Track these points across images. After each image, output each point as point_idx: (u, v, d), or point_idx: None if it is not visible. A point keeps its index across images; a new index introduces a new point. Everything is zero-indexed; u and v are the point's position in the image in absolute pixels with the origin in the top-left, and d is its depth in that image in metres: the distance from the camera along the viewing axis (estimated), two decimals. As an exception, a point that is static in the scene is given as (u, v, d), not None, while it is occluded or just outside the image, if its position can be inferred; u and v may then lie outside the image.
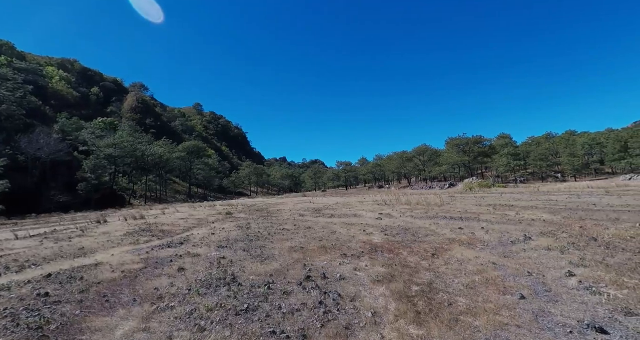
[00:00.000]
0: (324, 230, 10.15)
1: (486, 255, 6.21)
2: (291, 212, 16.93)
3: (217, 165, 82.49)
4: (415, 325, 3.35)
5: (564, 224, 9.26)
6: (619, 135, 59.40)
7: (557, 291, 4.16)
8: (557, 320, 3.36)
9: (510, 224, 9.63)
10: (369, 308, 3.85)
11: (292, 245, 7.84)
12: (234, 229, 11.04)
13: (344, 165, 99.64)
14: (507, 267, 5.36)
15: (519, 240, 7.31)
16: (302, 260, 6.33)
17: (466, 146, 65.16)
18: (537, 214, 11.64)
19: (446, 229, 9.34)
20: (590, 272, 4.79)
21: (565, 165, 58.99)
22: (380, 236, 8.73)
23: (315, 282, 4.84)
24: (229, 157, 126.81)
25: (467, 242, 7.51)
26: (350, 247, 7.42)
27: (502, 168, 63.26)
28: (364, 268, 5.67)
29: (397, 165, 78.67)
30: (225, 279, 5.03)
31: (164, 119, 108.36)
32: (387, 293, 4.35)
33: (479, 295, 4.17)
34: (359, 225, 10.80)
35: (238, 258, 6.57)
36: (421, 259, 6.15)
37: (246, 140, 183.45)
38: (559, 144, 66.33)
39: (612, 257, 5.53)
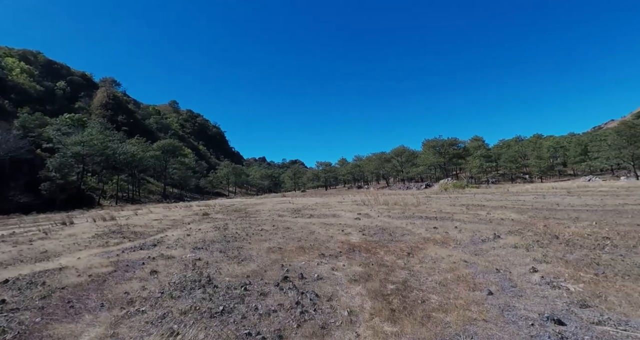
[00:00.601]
0: (303, 230, 10.14)
1: (458, 254, 6.44)
2: (270, 213, 16.80)
3: (193, 165, 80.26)
4: (389, 323, 3.43)
5: (530, 222, 9.78)
6: (580, 139, 63.64)
7: (522, 286, 4.40)
8: (521, 313, 3.55)
9: (482, 223, 10.04)
10: (345, 307, 3.90)
11: (270, 245, 7.78)
12: (211, 229, 10.80)
13: (323, 165, 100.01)
14: (477, 265, 5.59)
15: (489, 239, 7.64)
16: (280, 260, 6.30)
17: (442, 148, 67.35)
18: (506, 213, 12.22)
19: (422, 228, 9.60)
20: (552, 267, 5.10)
21: (532, 166, 62.34)
22: (358, 236, 8.84)
23: (293, 282, 4.84)
24: (206, 157, 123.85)
25: (441, 241, 7.77)
26: (329, 247, 7.47)
27: (475, 169, 65.96)
28: (342, 267, 5.73)
29: (375, 166, 80.00)
30: (200, 281, 4.92)
31: (138, 116, 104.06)
32: (364, 292, 4.42)
33: (450, 292, 4.32)
34: (338, 225, 10.88)
35: (214, 259, 6.44)
36: (397, 258, 6.29)
37: (224, 140, 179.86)
38: (527, 146, 69.98)
39: (571, 253, 5.91)
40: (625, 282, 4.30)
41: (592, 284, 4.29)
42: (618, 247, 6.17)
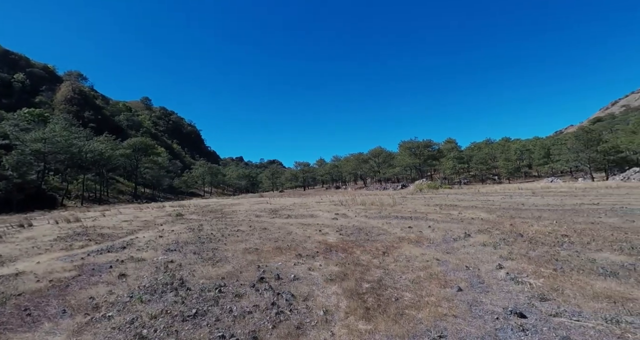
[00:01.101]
0: (280, 230, 10.08)
1: (431, 252, 6.66)
2: (247, 213, 16.55)
3: (167, 164, 77.38)
4: (364, 321, 3.49)
5: (498, 222, 10.29)
6: (543, 142, 67.72)
7: (489, 282, 4.63)
8: (487, 308, 3.73)
9: (454, 223, 10.43)
10: (321, 306, 3.92)
11: (247, 246, 7.68)
12: (185, 231, 10.48)
13: (302, 165, 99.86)
14: (448, 263, 5.80)
15: (460, 237, 7.95)
16: (256, 261, 6.23)
17: (417, 149, 69.28)
18: (477, 213, 12.77)
19: (397, 228, 9.83)
20: (516, 264, 5.40)
21: (501, 168, 65.59)
22: (335, 236, 8.91)
23: (269, 283, 4.80)
24: (180, 156, 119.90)
25: (415, 240, 7.99)
26: (306, 247, 7.48)
27: (448, 170, 68.44)
28: (318, 267, 5.75)
29: (353, 167, 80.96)
30: (172, 284, 4.76)
31: (106, 112, 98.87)
32: (339, 291, 4.46)
33: (423, 289, 4.47)
34: (315, 226, 10.91)
35: (188, 261, 6.26)
36: (373, 257, 6.41)
37: (200, 138, 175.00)
38: (496, 149, 73.54)
39: (533, 250, 6.28)
40: (579, 276, 4.63)
41: (551, 278, 4.59)
42: (574, 243, 6.63)
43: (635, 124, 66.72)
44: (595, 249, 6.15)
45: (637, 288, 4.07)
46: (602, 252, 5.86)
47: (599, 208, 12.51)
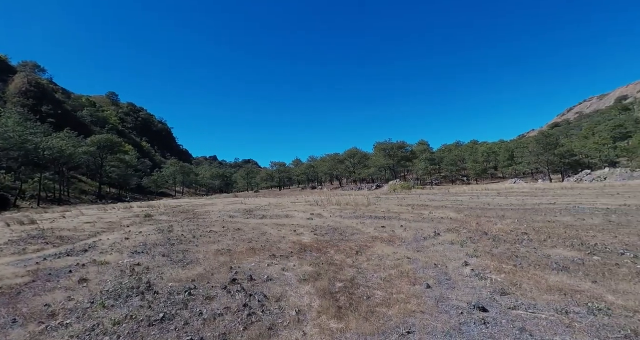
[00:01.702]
0: (254, 231, 9.95)
1: (403, 251, 6.86)
2: (220, 214, 16.16)
3: (135, 163, 73.78)
4: (335, 320, 3.53)
5: (466, 221, 10.78)
6: (508, 146, 71.76)
7: (455, 279, 4.84)
8: (453, 304, 3.91)
9: (425, 222, 10.80)
10: (294, 307, 3.92)
11: (219, 248, 7.50)
12: (153, 232, 10.06)
13: (278, 165, 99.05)
14: (418, 261, 6.00)
15: (430, 236, 8.25)
16: (229, 263, 6.11)
17: (391, 151, 70.97)
18: (446, 212, 13.30)
19: (371, 227, 10.02)
20: (481, 261, 5.69)
21: (470, 170, 68.73)
22: (310, 236, 8.93)
23: (241, 284, 4.73)
24: (150, 154, 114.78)
25: (388, 239, 8.19)
26: (280, 248, 7.43)
27: (421, 171, 70.73)
28: (292, 268, 5.74)
29: (329, 167, 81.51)
30: (138, 288, 4.55)
31: (67, 107, 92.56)
32: (313, 291, 4.48)
33: (394, 287, 4.59)
34: (290, 226, 10.87)
35: (156, 264, 6.01)
36: (346, 257, 6.49)
37: (171, 137, 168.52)
38: (466, 151, 77.00)
39: (497, 248, 6.65)
40: (536, 271, 4.97)
41: (512, 274, 4.88)
42: (533, 241, 7.10)
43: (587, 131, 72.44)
44: (551, 245, 6.61)
45: (584, 281, 4.43)
46: (556, 249, 6.32)
47: (555, 207, 13.46)
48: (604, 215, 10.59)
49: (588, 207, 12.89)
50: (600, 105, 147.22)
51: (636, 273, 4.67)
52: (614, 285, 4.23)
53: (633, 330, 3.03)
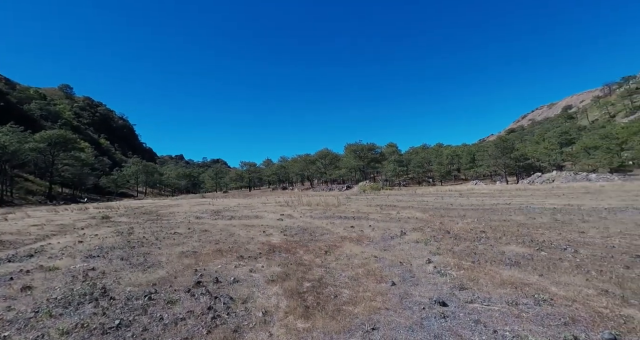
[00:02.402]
0: (222, 232, 9.70)
1: (370, 250, 7.02)
2: (186, 215, 15.55)
3: (92, 161, 68.72)
4: (302, 320, 3.54)
5: (430, 220, 11.26)
6: (470, 149, 76.05)
7: (418, 276, 5.04)
8: (416, 299, 4.07)
9: (392, 222, 11.13)
10: (261, 308, 3.88)
11: (184, 250, 7.22)
12: (111, 235, 9.45)
13: (248, 165, 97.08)
14: (385, 259, 6.18)
15: (396, 235, 8.52)
16: (194, 265, 5.90)
17: (361, 152, 72.43)
18: (412, 212, 13.81)
19: (340, 227, 10.15)
20: (442, 258, 5.98)
21: (435, 171, 71.93)
22: (280, 236, 8.87)
23: (206, 287, 4.58)
24: (109, 152, 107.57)
25: (356, 238, 8.34)
26: (248, 249, 7.31)
27: (389, 173, 72.81)
28: (260, 269, 5.67)
29: (300, 168, 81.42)
30: (92, 294, 4.26)
31: (12, 99, 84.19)
32: (280, 291, 4.46)
33: (360, 285, 4.68)
34: (260, 227, 10.73)
35: (113, 268, 5.65)
36: (315, 257, 6.52)
37: (134, 134, 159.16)
38: (431, 153, 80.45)
39: (457, 245, 7.02)
40: (491, 267, 5.31)
41: (470, 270, 5.18)
42: (490, 238, 7.58)
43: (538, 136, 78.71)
44: (505, 242, 7.10)
45: (532, 274, 4.82)
46: (510, 246, 6.80)
47: (510, 207, 14.47)
48: (550, 214, 11.57)
49: (538, 207, 14.00)
50: (549, 113, 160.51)
51: (575, 266, 5.15)
52: (557, 278, 4.63)
53: (571, 318, 3.35)
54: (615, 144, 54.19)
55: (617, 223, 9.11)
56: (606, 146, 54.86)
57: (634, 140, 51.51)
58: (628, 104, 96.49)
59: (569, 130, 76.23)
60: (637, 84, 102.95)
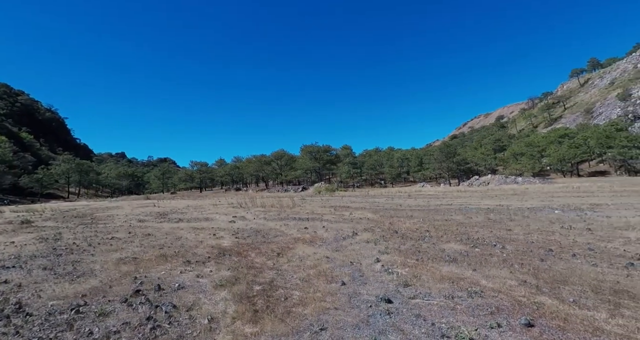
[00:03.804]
0: (168, 236, 9.10)
1: (322, 251, 7.11)
2: (127, 218, 14.29)
3: (10, 157, 59.86)
4: (250, 324, 3.46)
5: (380, 221, 11.76)
6: (418, 153, 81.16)
7: (367, 275, 5.24)
8: (364, 298, 4.22)
9: (345, 223, 11.41)
10: (206, 314, 3.70)
11: (122, 256, 6.63)
12: (33, 241, 8.32)
13: (199, 165, 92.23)
14: (336, 259, 6.31)
15: (348, 236, 8.75)
16: (133, 272, 5.44)
17: (317, 154, 73.28)
18: (364, 213, 14.30)
19: (294, 229, 10.13)
20: (390, 257, 6.29)
21: (386, 173, 75.37)
22: (231, 239, 8.58)
23: (147, 295, 4.25)
24: (33, 147, 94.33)
25: (309, 240, 8.39)
26: (196, 253, 6.95)
27: (344, 174, 74.65)
28: (208, 274, 5.42)
29: (255, 168, 79.75)
30: (2, 311, 3.69)
31: None
32: (229, 296, 4.31)
33: (311, 286, 4.72)
34: (210, 229, 10.27)
35: (33, 280, 4.98)
36: (267, 259, 6.43)
37: (65, 128, 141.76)
38: (383, 156, 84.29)
39: (404, 244, 7.44)
40: (433, 263, 5.72)
41: (414, 267, 5.52)
42: (432, 237, 8.16)
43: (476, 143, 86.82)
44: (445, 241, 7.70)
45: (467, 269, 5.29)
46: (449, 243, 7.38)
47: (451, 208, 15.72)
48: (485, 213, 12.81)
49: (475, 207, 15.42)
50: (485, 121, 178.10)
51: (502, 260, 5.78)
52: (487, 271, 5.14)
53: (496, 307, 3.74)
54: (537, 151, 62.04)
55: (536, 221, 10.41)
56: (530, 153, 62.55)
57: (551, 148, 59.42)
58: (547, 116, 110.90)
59: (501, 138, 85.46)
60: (553, 99, 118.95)
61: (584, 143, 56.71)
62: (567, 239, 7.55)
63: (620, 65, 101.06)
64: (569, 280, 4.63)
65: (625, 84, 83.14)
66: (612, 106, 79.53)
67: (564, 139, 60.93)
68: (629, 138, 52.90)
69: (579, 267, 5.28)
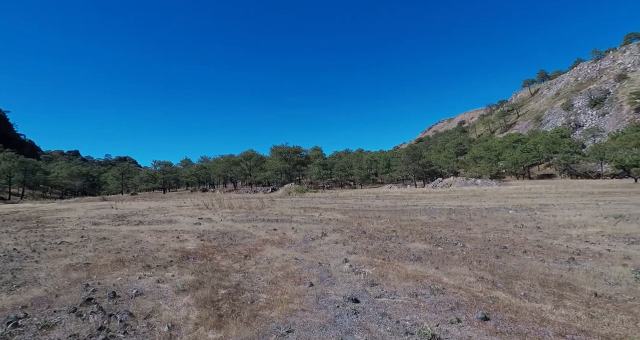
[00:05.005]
0: (126, 240, 8.54)
1: (291, 252, 7.05)
2: (80, 221, 13.23)
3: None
4: (214, 330, 3.33)
5: (349, 221, 11.92)
6: (386, 155, 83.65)
7: (335, 275, 5.27)
8: (331, 298, 4.24)
9: (314, 223, 11.42)
10: (167, 321, 3.51)
11: (73, 262, 6.11)
12: (-36, 248, 7.41)
13: (162, 165, 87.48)
14: (305, 261, 6.28)
15: (317, 237, 8.76)
16: (85, 279, 5.04)
17: (288, 154, 72.88)
18: (334, 214, 14.41)
19: (262, 230, 9.96)
20: (358, 257, 6.38)
21: (356, 175, 76.73)
22: (196, 242, 8.25)
23: (99, 304, 3.94)
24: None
25: (278, 241, 8.29)
26: (158, 257, 6.59)
27: (314, 175, 74.80)
28: (170, 278, 5.16)
29: (223, 169, 77.58)
30: None
31: None
32: (192, 301, 4.12)
33: (279, 288, 4.65)
34: (173, 232, 9.79)
35: (-38, 292, 4.42)
36: (234, 262, 6.25)
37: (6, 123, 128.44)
38: (353, 158, 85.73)
39: (371, 244, 7.59)
40: (399, 262, 5.89)
41: (381, 267, 5.64)
42: (399, 237, 8.41)
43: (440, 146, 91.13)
44: (411, 240, 7.97)
45: (430, 268, 5.51)
46: (415, 243, 7.65)
47: (417, 208, 16.33)
48: (447, 214, 13.47)
49: (438, 208, 16.15)
50: (449, 126, 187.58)
51: (462, 258, 6.09)
52: (448, 269, 5.39)
53: (456, 303, 3.93)
54: (494, 155, 66.51)
55: (493, 220, 11.12)
56: (488, 157, 66.89)
57: (506, 153, 64.03)
58: (502, 122, 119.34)
59: (463, 142, 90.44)
60: (508, 106, 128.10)
61: (534, 148, 61.74)
62: (519, 237, 8.15)
63: (564, 77, 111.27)
64: (520, 276, 4.98)
65: (568, 95, 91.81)
66: (557, 115, 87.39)
67: (517, 144, 65.99)
68: (571, 144, 58.60)
69: (529, 263, 5.70)
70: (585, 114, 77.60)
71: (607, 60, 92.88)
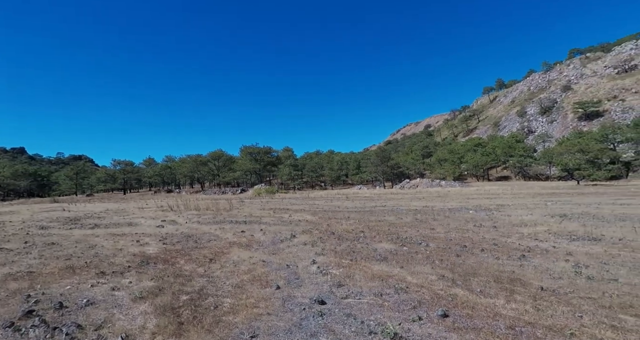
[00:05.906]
0: (78, 245, 7.92)
1: (259, 255, 6.92)
2: (24, 225, 12.07)
3: None
4: (173, 338, 3.17)
5: (319, 222, 11.95)
6: (356, 157, 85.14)
7: (303, 277, 5.25)
8: (298, 301, 4.21)
9: (283, 225, 11.31)
10: (120, 332, 3.28)
11: (13, 270, 5.55)
12: None
13: (122, 164, 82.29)
14: (273, 263, 6.19)
15: (286, 238, 8.68)
16: (27, 289, 4.59)
17: (258, 155, 71.74)
18: (304, 215, 14.38)
19: (230, 232, 9.69)
20: (326, 258, 6.40)
21: (327, 176, 77.29)
22: (158, 246, 7.84)
23: (42, 316, 3.60)
24: None
25: (246, 243, 8.10)
26: (114, 263, 6.18)
27: (285, 176, 74.35)
28: (127, 285, 4.84)
29: (190, 169, 74.71)
30: None
31: None
32: (150, 309, 3.90)
33: (244, 292, 4.54)
34: (133, 235, 9.24)
35: None
36: (198, 266, 6.01)
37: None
38: (324, 159, 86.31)
39: (340, 245, 7.65)
40: (366, 263, 5.99)
41: (348, 267, 5.71)
42: (367, 237, 8.57)
43: (407, 148, 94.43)
44: (378, 240, 8.15)
45: (395, 267, 5.67)
46: (381, 243, 7.83)
47: (384, 209, 16.76)
48: (413, 214, 13.96)
49: (405, 208, 16.69)
50: (416, 129, 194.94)
51: (426, 257, 6.33)
52: (412, 268, 5.58)
53: (419, 301, 4.07)
54: (457, 158, 70.13)
55: (455, 220, 11.70)
56: (451, 159, 70.38)
57: (468, 156, 67.79)
58: (465, 127, 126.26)
59: (428, 145, 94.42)
60: (470, 112, 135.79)
61: (493, 151, 65.93)
62: (477, 235, 8.63)
63: (518, 86, 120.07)
64: (477, 273, 5.27)
65: (522, 102, 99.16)
66: (513, 121, 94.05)
67: (478, 148, 70.10)
68: (525, 148, 63.37)
69: (486, 261, 6.06)
70: (536, 121, 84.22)
71: (554, 72, 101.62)
